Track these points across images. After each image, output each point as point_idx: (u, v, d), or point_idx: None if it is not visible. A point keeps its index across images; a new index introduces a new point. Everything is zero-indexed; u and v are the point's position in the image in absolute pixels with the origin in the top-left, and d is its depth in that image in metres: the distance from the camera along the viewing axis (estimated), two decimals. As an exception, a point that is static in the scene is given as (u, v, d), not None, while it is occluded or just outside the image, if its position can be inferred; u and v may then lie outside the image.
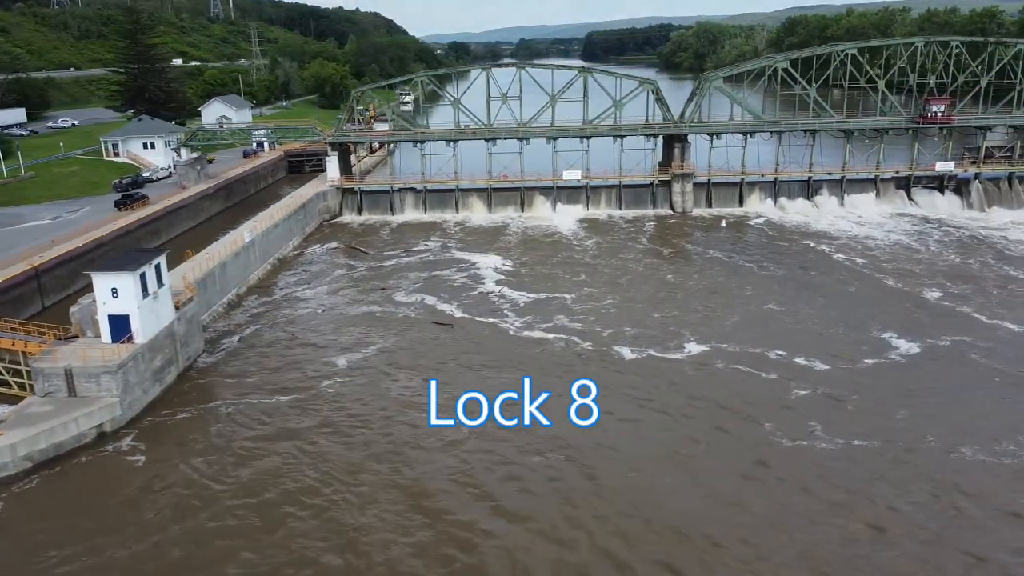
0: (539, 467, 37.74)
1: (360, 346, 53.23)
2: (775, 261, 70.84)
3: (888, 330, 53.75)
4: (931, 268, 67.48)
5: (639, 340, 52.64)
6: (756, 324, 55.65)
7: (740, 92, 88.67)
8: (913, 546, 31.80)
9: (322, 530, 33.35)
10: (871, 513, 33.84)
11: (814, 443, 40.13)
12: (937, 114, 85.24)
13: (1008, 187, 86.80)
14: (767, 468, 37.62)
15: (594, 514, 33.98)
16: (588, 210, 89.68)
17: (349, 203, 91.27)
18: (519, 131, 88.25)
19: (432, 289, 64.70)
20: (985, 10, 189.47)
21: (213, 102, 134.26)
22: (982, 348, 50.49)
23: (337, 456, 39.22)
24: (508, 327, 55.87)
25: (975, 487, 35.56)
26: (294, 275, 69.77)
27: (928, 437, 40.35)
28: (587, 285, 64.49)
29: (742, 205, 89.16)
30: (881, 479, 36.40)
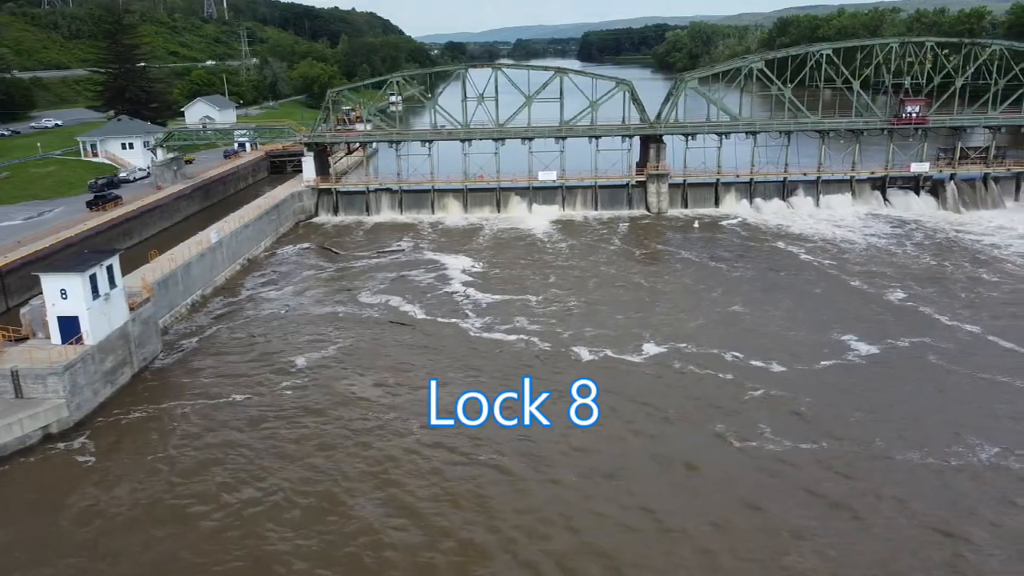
0: (458, 471, 37.70)
1: (319, 346, 53.18)
2: (746, 262, 70.71)
3: (849, 332, 53.63)
4: (900, 269, 67.32)
5: (598, 341, 52.55)
6: (719, 326, 55.54)
7: (716, 93, 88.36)
8: (823, 554, 31.54)
9: (252, 534, 33.27)
10: (799, 518, 33.64)
11: (762, 445, 40.02)
12: (912, 115, 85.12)
13: (983, 188, 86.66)
14: (710, 470, 37.54)
15: (514, 509, 34.14)
16: (564, 211, 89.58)
17: (325, 203, 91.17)
18: (494, 132, 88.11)
19: (398, 290, 64.62)
20: (973, 10, 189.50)
21: (196, 102, 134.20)
22: (940, 350, 50.39)
23: (285, 455, 39.17)
24: (468, 328, 55.81)
25: (912, 493, 35.29)
26: (263, 276, 69.68)
27: (876, 440, 40.21)
28: (554, 287, 64.36)
29: (718, 206, 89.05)
30: (822, 483, 36.26)
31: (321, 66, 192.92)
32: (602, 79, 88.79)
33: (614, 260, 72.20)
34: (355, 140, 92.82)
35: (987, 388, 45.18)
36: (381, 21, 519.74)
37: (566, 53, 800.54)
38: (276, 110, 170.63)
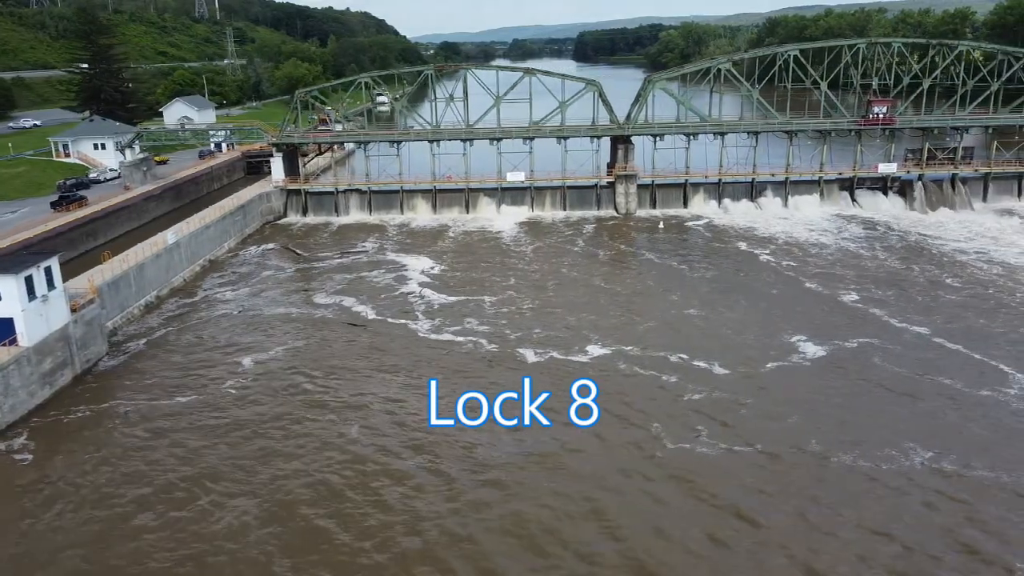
0: (387, 466, 37.61)
1: (267, 347, 53.13)
2: (707, 264, 70.57)
3: (799, 333, 53.49)
4: (859, 271, 67.15)
5: (546, 343, 52.42)
6: (670, 328, 55.42)
7: (687, 93, 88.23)
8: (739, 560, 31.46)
9: (184, 531, 33.39)
10: (721, 522, 33.56)
11: (695, 447, 39.91)
12: (879, 115, 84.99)
13: (951, 189, 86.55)
14: (642, 471, 37.45)
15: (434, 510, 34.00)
16: (533, 211, 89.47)
17: (294, 204, 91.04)
18: (462, 132, 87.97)
19: (354, 291, 64.52)
20: (957, 11, 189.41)
21: (175, 102, 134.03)
22: (885, 351, 50.26)
23: (224, 455, 39.25)
24: (418, 329, 55.74)
25: (841, 498, 35.12)
26: (222, 277, 69.53)
27: (812, 442, 40.08)
28: (511, 289, 64.18)
29: (686, 206, 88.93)
30: (750, 486, 36.10)
31: (306, 66, 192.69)
32: (571, 80, 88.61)
33: (576, 262, 72.05)
34: (323, 141, 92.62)
35: (928, 390, 45.03)
36: (375, 21, 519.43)
37: (562, 53, 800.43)
38: (259, 110, 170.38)
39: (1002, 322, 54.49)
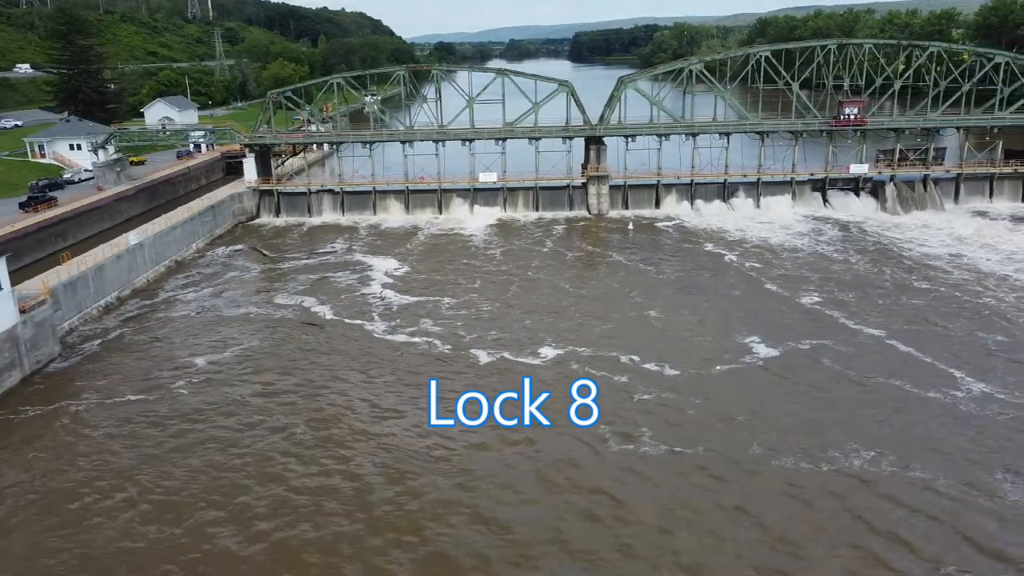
0: (330, 467, 37.54)
1: (222, 348, 53.12)
2: (673, 265, 70.45)
3: (754, 335, 53.37)
4: (823, 272, 66.94)
5: (499, 344, 52.35)
6: (627, 330, 55.26)
7: (660, 94, 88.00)
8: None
9: (132, 532, 33.50)
10: (636, 526, 33.46)
11: (638, 448, 39.86)
12: (850, 116, 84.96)
13: (923, 189, 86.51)
14: (574, 473, 37.38)
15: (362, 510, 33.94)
16: (506, 212, 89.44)
17: (267, 205, 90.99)
18: (435, 133, 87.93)
19: (316, 291, 64.47)
20: (943, 12, 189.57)
21: (156, 103, 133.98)
22: (837, 353, 50.15)
23: (171, 455, 39.32)
24: (374, 329, 55.70)
25: (770, 503, 34.99)
26: (187, 278, 69.44)
27: (753, 445, 40.02)
28: (474, 291, 64.00)
29: (659, 207, 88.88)
30: (686, 489, 36.00)
31: (292, 67, 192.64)
32: (543, 81, 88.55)
33: (543, 263, 71.88)
34: (295, 141, 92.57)
35: (874, 393, 44.93)
36: (370, 22, 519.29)
37: (559, 54, 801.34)
38: (244, 111, 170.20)
39: (960, 326, 54.18)
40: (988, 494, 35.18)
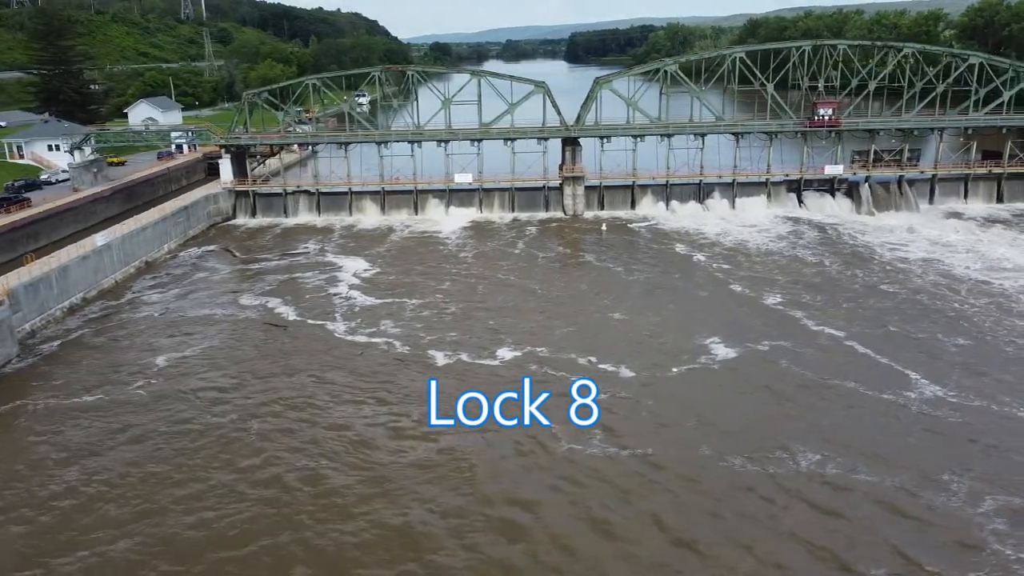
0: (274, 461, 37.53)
1: (183, 348, 53.19)
2: (643, 266, 70.30)
3: (715, 335, 53.30)
4: (792, 274, 66.74)
5: (458, 346, 52.31)
6: (589, 331, 55.16)
7: (637, 95, 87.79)
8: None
9: (74, 527, 33.73)
10: (577, 530, 33.44)
11: (586, 449, 39.82)
12: (825, 117, 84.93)
13: (897, 190, 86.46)
14: (521, 473, 37.41)
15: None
16: (481, 213, 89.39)
17: (243, 206, 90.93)
18: (410, 134, 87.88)
19: (283, 292, 64.46)
20: (930, 13, 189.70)
21: (139, 104, 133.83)
22: (795, 354, 50.10)
23: (122, 455, 39.50)
24: (335, 330, 55.75)
25: (716, 504, 34.98)
26: (155, 279, 69.37)
27: (703, 447, 39.97)
28: (440, 292, 63.91)
29: (634, 208, 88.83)
30: (626, 492, 35.92)
31: (280, 67, 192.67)
32: (519, 82, 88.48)
33: (514, 265, 71.74)
34: (271, 142, 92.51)
35: (828, 394, 44.90)
36: (366, 22, 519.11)
37: (556, 54, 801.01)
38: (231, 112, 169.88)
39: (923, 329, 53.82)
40: (928, 498, 35.11)
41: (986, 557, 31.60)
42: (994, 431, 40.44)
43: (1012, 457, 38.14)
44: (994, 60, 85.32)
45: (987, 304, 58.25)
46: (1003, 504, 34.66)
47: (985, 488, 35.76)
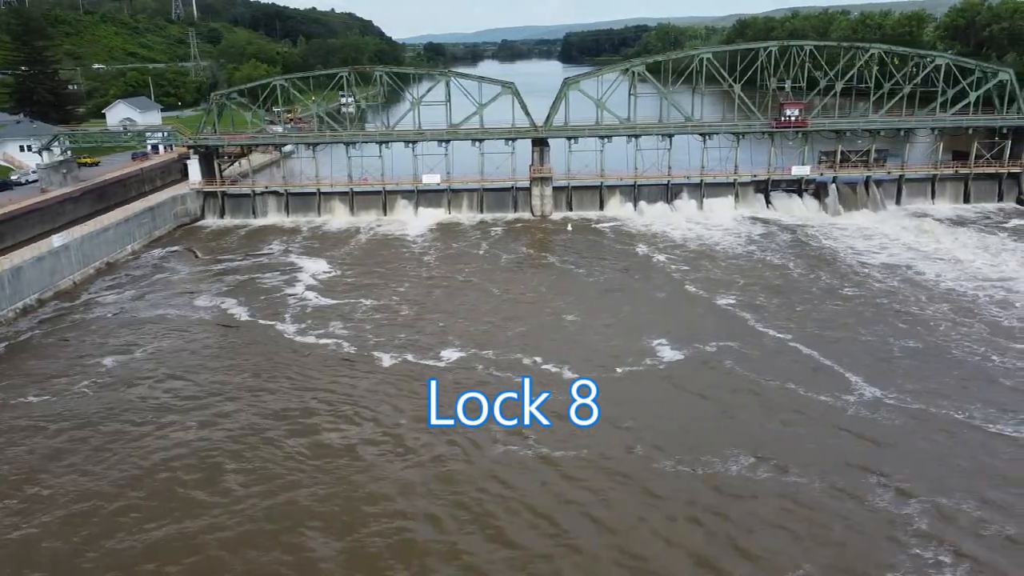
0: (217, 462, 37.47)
1: (132, 348, 53.27)
2: (604, 267, 70.14)
3: (663, 337, 53.18)
4: (750, 275, 66.40)
5: (405, 347, 52.25)
6: (540, 332, 55.00)
7: (606, 96, 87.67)
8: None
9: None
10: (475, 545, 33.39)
11: (521, 448, 39.80)
12: (791, 118, 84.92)
13: (865, 191, 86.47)
14: (466, 468, 37.68)
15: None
16: (450, 213, 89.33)
17: (212, 206, 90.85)
18: (377, 135, 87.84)
19: (239, 293, 64.40)
20: (914, 14, 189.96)
21: (117, 104, 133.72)
22: (740, 355, 50.01)
23: (62, 455, 39.56)
24: (284, 331, 55.72)
25: (631, 509, 34.95)
26: (114, 280, 69.26)
27: (636, 448, 39.92)
28: (398, 294, 63.71)
29: (602, 208, 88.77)
30: (551, 493, 35.90)
31: (264, 67, 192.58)
32: (488, 83, 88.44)
33: (477, 266, 71.57)
34: (239, 143, 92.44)
35: (767, 395, 44.80)
36: (360, 22, 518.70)
37: (551, 54, 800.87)
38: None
39: (874, 331, 53.31)
40: (854, 500, 35.03)
41: (902, 560, 31.56)
42: (927, 434, 40.36)
43: (941, 460, 38.09)
44: (960, 61, 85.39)
45: (944, 307, 57.63)
46: (928, 506, 34.60)
47: (912, 490, 35.69)
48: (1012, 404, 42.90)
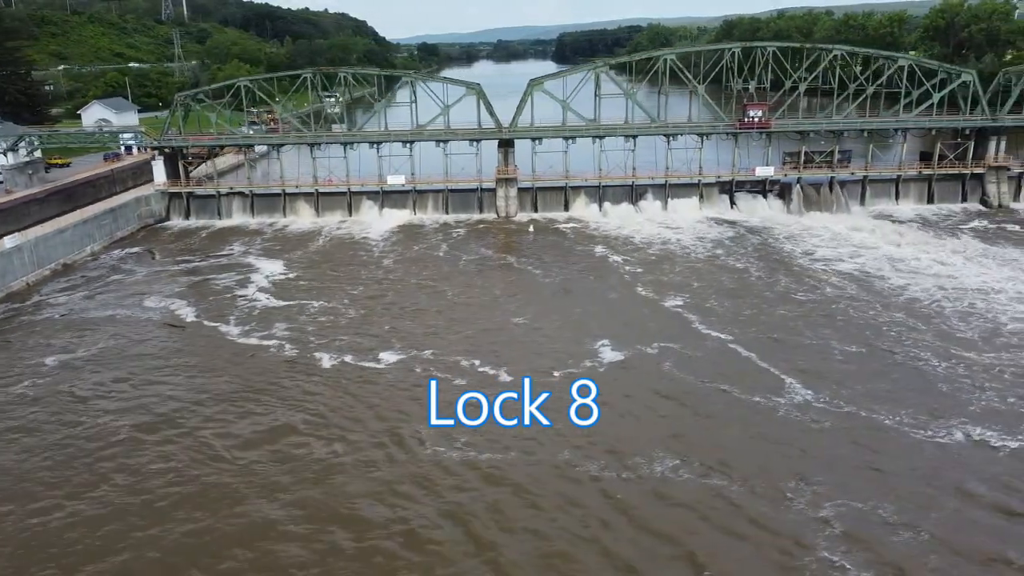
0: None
1: (75, 348, 53.42)
2: (560, 268, 69.95)
3: (606, 338, 53.10)
4: (705, 276, 66.16)
5: (345, 349, 52.17)
6: (484, 335, 54.84)
7: (572, 97, 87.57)
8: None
9: None
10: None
11: (447, 453, 39.71)
12: (755, 119, 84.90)
13: (828, 191, 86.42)
14: (376, 473, 37.72)
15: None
16: (415, 214, 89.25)
17: (177, 207, 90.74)
18: (342, 136, 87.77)
19: (190, 294, 64.42)
20: (894, 15, 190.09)
21: (92, 105, 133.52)
22: (680, 357, 49.93)
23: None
24: (228, 332, 55.73)
25: (558, 512, 35.02)
26: (69, 281, 69.11)
27: (563, 452, 39.82)
28: (349, 296, 63.45)
29: (567, 209, 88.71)
30: (473, 496, 35.88)
31: (247, 68, 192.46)
32: (453, 84, 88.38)
33: (435, 267, 71.43)
34: (203, 144, 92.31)
35: (700, 397, 44.80)
36: (353, 22, 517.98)
37: (546, 54, 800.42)
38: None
39: (819, 335, 52.96)
40: (769, 503, 35.00)
41: (808, 563, 31.51)
42: (853, 438, 40.21)
43: (863, 464, 37.98)
44: (923, 62, 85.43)
45: (896, 311, 57.05)
46: (843, 510, 34.52)
47: (829, 493, 35.61)
48: (944, 410, 42.53)
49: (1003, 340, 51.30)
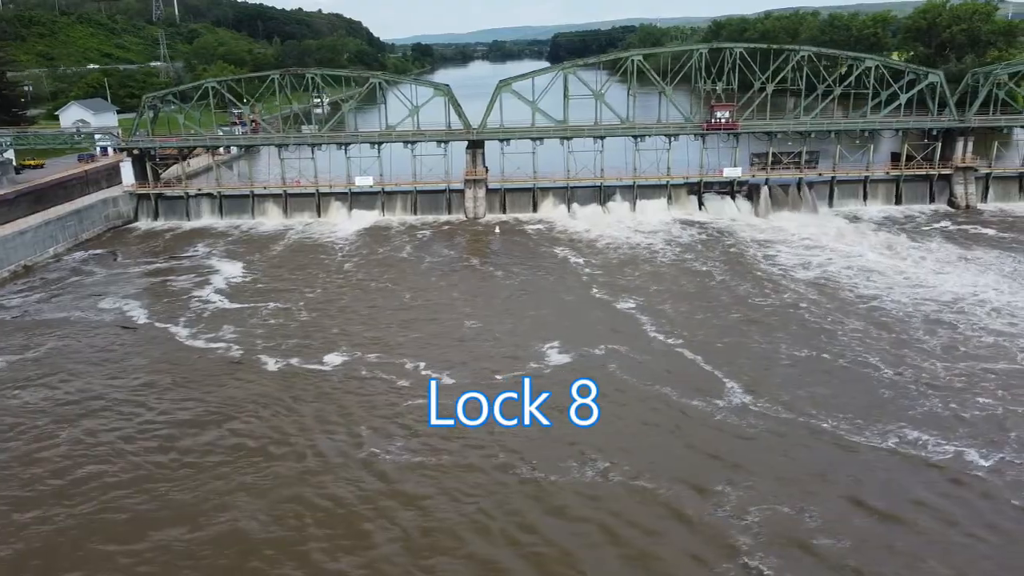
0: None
1: (24, 350, 53.36)
2: (521, 271, 69.62)
3: (555, 340, 52.97)
4: (665, 280, 65.75)
5: (291, 352, 52.01)
6: (434, 337, 54.53)
7: (540, 98, 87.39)
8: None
9: None
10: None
11: (384, 456, 39.65)
12: (722, 120, 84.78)
13: (796, 192, 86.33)
14: (325, 472, 37.77)
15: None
16: (384, 216, 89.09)
17: (145, 209, 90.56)
18: (308, 137, 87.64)
19: (146, 295, 64.40)
20: (878, 15, 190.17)
21: (70, 106, 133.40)
22: (626, 359, 49.79)
23: None
24: (178, 333, 55.66)
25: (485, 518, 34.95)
26: (27, 283, 68.90)
27: (499, 455, 39.72)
28: (306, 298, 63.14)
29: (536, 211, 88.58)
30: (412, 499, 35.86)
31: (231, 69, 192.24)
32: (422, 86, 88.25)
33: (397, 269, 71.17)
34: (171, 145, 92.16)
35: (640, 399, 44.70)
36: (346, 23, 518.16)
37: (542, 55, 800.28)
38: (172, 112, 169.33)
39: (769, 339, 52.61)
40: (697, 509, 34.79)
41: (727, 569, 31.39)
42: (788, 442, 40.07)
43: (796, 468, 37.82)
44: (890, 63, 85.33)
45: (853, 316, 56.32)
46: (768, 516, 34.35)
47: (756, 498, 35.44)
48: (885, 416, 42.02)
49: (962, 350, 50.15)
